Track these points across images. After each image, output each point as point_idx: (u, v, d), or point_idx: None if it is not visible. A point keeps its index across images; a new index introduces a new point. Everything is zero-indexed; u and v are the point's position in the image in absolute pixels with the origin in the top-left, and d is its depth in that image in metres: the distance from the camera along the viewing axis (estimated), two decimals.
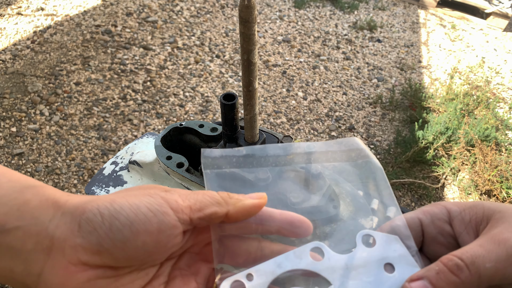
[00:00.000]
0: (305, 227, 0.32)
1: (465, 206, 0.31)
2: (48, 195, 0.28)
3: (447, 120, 2.07)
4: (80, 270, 0.27)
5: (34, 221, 0.27)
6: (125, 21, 2.75)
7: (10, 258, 0.26)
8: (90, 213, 0.27)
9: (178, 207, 0.29)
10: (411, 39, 3.03)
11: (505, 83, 2.62)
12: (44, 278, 0.27)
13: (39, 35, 2.54)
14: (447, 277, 0.26)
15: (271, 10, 3.17)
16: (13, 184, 0.28)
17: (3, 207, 0.26)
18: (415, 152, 2.02)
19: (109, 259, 0.27)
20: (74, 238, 0.27)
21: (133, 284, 0.29)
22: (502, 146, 2.03)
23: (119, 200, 0.28)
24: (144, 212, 0.28)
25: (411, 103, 2.39)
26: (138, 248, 0.28)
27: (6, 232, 0.26)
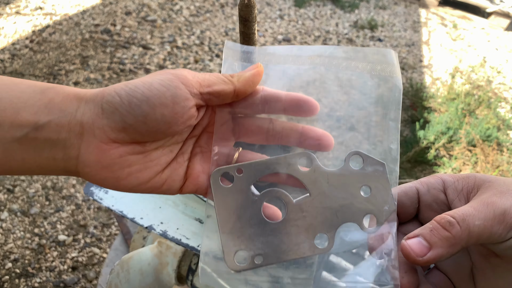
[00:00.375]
0: (311, 106, 0.35)
1: (458, 177, 0.34)
2: (68, 92, 0.31)
3: (448, 120, 2.06)
4: (112, 147, 0.31)
5: (63, 114, 0.30)
6: (124, 20, 2.74)
7: (50, 149, 0.30)
8: (109, 96, 0.31)
9: (188, 81, 0.32)
10: (412, 39, 3.01)
11: (507, 83, 2.61)
12: (82, 159, 0.31)
13: (38, 35, 2.53)
14: (440, 233, 0.29)
15: (271, 9, 3.15)
16: (33, 89, 0.30)
17: (32, 108, 0.30)
18: (416, 152, 2.01)
19: (135, 134, 0.31)
20: (100, 120, 0.30)
21: (160, 159, 0.33)
22: (504, 146, 2.02)
23: (133, 82, 0.31)
24: (157, 88, 0.31)
25: (412, 102, 2.37)
26: (158, 120, 0.31)
27: (40, 127, 0.30)
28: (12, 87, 0.30)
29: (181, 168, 0.34)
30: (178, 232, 0.58)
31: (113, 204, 0.62)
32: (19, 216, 1.59)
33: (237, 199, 0.34)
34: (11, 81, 0.31)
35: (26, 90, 0.30)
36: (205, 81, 0.33)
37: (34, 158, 0.30)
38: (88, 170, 0.31)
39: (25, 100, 0.30)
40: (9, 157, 0.30)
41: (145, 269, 0.69)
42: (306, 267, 0.56)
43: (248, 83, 0.34)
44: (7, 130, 0.29)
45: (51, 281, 1.41)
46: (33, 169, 0.31)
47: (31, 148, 0.30)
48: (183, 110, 0.31)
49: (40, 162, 0.31)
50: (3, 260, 1.45)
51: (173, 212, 0.61)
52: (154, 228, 0.59)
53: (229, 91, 0.33)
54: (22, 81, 0.31)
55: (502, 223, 0.28)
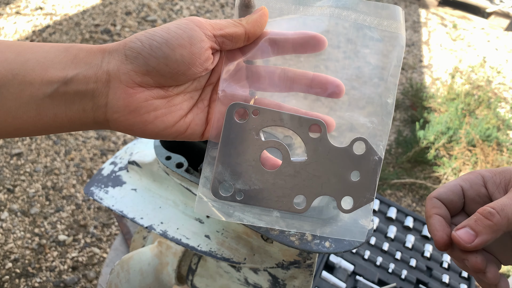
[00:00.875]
0: (319, 40, 0.37)
1: (496, 171, 0.38)
2: (91, 47, 0.33)
3: (448, 120, 2.06)
4: (138, 91, 0.33)
5: (89, 66, 0.32)
6: (124, 20, 2.74)
7: (80, 100, 0.32)
8: (131, 43, 0.33)
9: (202, 24, 0.34)
10: (412, 39, 3.01)
11: (507, 83, 2.61)
12: (111, 105, 0.33)
13: (38, 35, 2.53)
14: (483, 222, 0.34)
15: None
16: (57, 48, 0.32)
17: (58, 64, 0.31)
18: (416, 152, 2.01)
19: (158, 76, 0.33)
20: (125, 66, 0.32)
21: (183, 104, 0.35)
22: (504, 146, 2.02)
23: (152, 29, 0.34)
24: (175, 30, 0.33)
25: (412, 102, 2.37)
26: (178, 61, 0.33)
27: (69, 81, 0.31)
28: (36, 49, 0.32)
29: (202, 113, 0.37)
30: (178, 232, 0.58)
31: (113, 204, 0.62)
32: (19, 216, 1.59)
33: (244, 138, 0.35)
34: (33, 44, 0.33)
35: (50, 50, 0.32)
36: (217, 24, 0.35)
37: (65, 111, 0.32)
38: (116, 116, 0.33)
39: (51, 59, 0.32)
40: (42, 113, 0.32)
41: (145, 269, 0.69)
42: (306, 267, 0.56)
43: (257, 23, 0.35)
44: (38, 87, 0.31)
45: (51, 281, 1.41)
46: (64, 124, 0.33)
47: (62, 102, 0.32)
48: (200, 50, 0.33)
49: (71, 115, 0.33)
50: (3, 260, 1.45)
51: (173, 212, 0.61)
52: (154, 228, 0.59)
53: (240, 33, 0.35)
54: (44, 44, 0.33)
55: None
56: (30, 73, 0.31)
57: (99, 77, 0.32)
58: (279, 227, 0.37)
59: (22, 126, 0.32)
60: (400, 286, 1.25)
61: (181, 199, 0.61)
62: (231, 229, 0.58)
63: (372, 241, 1.35)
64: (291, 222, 0.37)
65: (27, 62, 0.31)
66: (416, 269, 1.30)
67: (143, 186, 0.64)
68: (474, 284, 1.29)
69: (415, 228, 1.44)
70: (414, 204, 1.85)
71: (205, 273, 0.67)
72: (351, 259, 1.26)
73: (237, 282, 0.63)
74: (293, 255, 0.54)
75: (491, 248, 0.38)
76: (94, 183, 0.65)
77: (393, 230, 1.39)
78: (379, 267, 1.28)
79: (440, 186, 0.41)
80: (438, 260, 1.33)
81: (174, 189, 0.62)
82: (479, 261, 0.35)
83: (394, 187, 1.90)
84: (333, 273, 1.23)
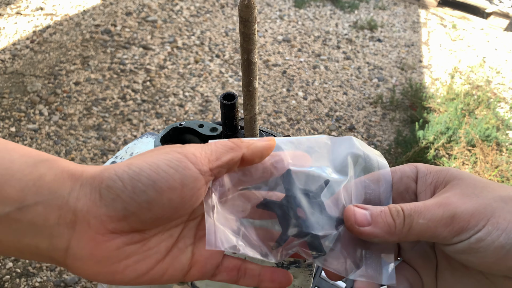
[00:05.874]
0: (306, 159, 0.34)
1: (432, 169, 0.33)
2: (62, 168, 0.27)
3: (447, 120, 2.07)
4: (109, 239, 0.27)
5: (53, 196, 0.26)
6: (125, 20, 2.74)
7: (34, 235, 0.26)
8: (109, 180, 0.27)
9: (197, 160, 0.29)
10: (411, 39, 3.02)
11: (506, 83, 2.62)
12: (72, 252, 0.26)
13: (39, 35, 2.54)
14: (386, 217, 0.29)
15: (271, 10, 3.16)
16: (25, 159, 0.26)
17: (18, 182, 0.25)
18: (416, 152, 2.01)
19: (136, 222, 0.27)
20: (98, 208, 0.26)
21: (160, 246, 0.29)
22: (503, 146, 2.02)
23: (137, 162, 0.28)
24: (165, 170, 0.27)
25: (411, 103, 2.38)
26: (165, 206, 0.27)
27: (25, 208, 0.25)
28: (3, 154, 0.26)
29: (183, 255, 0.31)
30: None
31: None
32: None
33: None
34: (3, 146, 0.27)
35: (16, 160, 0.26)
36: (213, 154, 0.30)
37: (13, 242, 0.26)
38: (79, 264, 0.27)
39: (13, 173, 0.25)
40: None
41: None
42: (306, 266, 0.56)
43: (258, 153, 0.31)
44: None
45: (52, 280, 1.42)
46: (11, 252, 0.26)
47: (11, 230, 0.25)
48: (192, 192, 0.28)
49: (20, 247, 0.26)
50: (4, 260, 1.46)
51: None
52: None
53: (237, 159, 0.31)
54: (15, 147, 0.27)
55: (448, 226, 0.27)
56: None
57: (63, 215, 0.26)
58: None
59: None
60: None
61: None
62: None
63: None
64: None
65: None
66: None
67: None
68: None
69: None
70: None
71: None
72: None
73: None
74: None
75: (413, 261, 0.34)
76: None
77: None
78: None
79: None
80: None
81: None
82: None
83: None
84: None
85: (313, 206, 0.32)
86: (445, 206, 0.28)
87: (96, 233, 0.26)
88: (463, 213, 0.28)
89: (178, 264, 0.30)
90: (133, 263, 0.28)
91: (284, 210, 0.31)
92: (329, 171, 0.34)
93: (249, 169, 0.33)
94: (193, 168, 0.28)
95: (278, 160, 0.33)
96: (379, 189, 0.34)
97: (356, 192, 0.34)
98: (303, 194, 0.32)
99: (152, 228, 0.29)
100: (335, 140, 0.35)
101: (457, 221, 0.27)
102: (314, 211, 0.32)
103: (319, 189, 0.33)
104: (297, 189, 0.32)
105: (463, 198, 0.28)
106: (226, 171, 0.31)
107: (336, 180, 0.34)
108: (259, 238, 0.32)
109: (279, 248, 0.32)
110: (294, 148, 0.34)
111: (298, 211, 0.32)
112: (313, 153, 0.34)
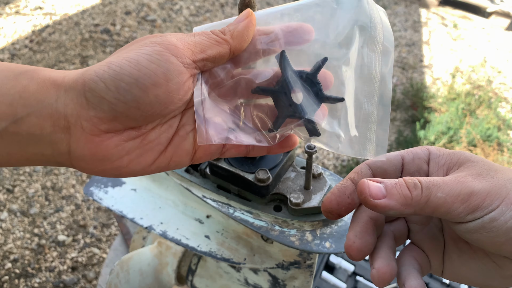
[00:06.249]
0: (307, 29, 0.31)
1: (445, 152, 0.33)
2: (43, 77, 0.27)
3: (448, 120, 2.06)
4: (105, 138, 0.28)
5: (41, 105, 0.26)
6: (124, 20, 2.73)
7: (36, 144, 0.27)
8: (91, 82, 0.26)
9: (179, 51, 0.28)
10: (412, 38, 3.01)
11: (507, 83, 2.61)
12: (75, 154, 0.28)
13: (38, 34, 2.53)
14: (401, 189, 0.28)
15: None
16: (6, 74, 0.27)
17: (5, 97, 0.26)
18: None
19: (128, 121, 0.28)
20: (86, 111, 0.27)
21: (160, 138, 0.30)
22: (504, 146, 2.02)
23: (116, 60, 0.27)
24: (146, 65, 0.27)
25: (412, 102, 2.37)
26: (152, 102, 0.27)
27: (20, 121, 0.26)
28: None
29: (186, 141, 0.31)
30: (178, 232, 0.58)
31: (112, 204, 0.61)
32: (18, 216, 1.59)
33: None
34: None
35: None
36: (197, 46, 0.29)
37: (20, 152, 0.27)
38: (83, 164, 0.28)
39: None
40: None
41: (145, 270, 0.69)
42: (306, 267, 0.56)
43: (243, 37, 0.30)
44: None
45: (51, 281, 1.41)
46: (22, 162, 0.28)
47: (14, 143, 0.27)
48: (178, 86, 0.28)
49: (28, 156, 0.28)
50: (3, 260, 1.45)
51: (173, 212, 0.60)
52: (154, 228, 0.58)
53: (224, 53, 0.30)
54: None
55: (465, 203, 0.27)
56: None
57: (56, 122, 0.27)
58: None
59: None
60: None
61: (181, 199, 0.61)
62: (231, 229, 0.58)
63: None
64: None
65: None
66: None
67: (143, 186, 0.63)
68: None
69: None
70: None
71: (205, 274, 0.67)
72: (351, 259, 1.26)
73: (237, 282, 0.63)
74: (293, 256, 0.54)
75: (421, 243, 0.34)
76: (94, 183, 0.65)
77: None
78: None
79: None
80: None
81: (174, 189, 0.61)
82: (358, 246, 0.30)
83: None
84: (333, 274, 1.23)
85: (308, 88, 0.31)
86: (463, 183, 0.28)
87: (91, 134, 0.27)
88: (480, 191, 0.27)
89: (181, 151, 0.31)
90: (136, 157, 0.29)
91: (278, 96, 0.31)
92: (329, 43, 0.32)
93: (240, 56, 0.31)
94: (176, 61, 0.28)
95: (273, 39, 0.31)
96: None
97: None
98: (298, 76, 0.31)
99: (147, 124, 0.29)
100: (341, 1, 0.32)
101: (473, 198, 0.27)
102: (310, 94, 0.31)
103: (315, 69, 0.31)
104: (292, 71, 0.31)
105: (479, 178, 0.28)
106: (213, 65, 0.30)
107: (335, 57, 0.32)
108: (253, 125, 0.32)
109: (275, 132, 0.32)
110: (289, 20, 0.32)
111: (293, 96, 0.31)
112: (314, 21, 0.32)
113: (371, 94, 0.33)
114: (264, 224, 0.47)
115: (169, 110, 0.29)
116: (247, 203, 0.50)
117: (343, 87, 0.32)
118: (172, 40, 0.28)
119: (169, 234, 0.58)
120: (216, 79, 0.31)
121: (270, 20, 0.32)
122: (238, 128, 0.32)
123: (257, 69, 0.32)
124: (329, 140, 0.32)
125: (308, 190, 0.48)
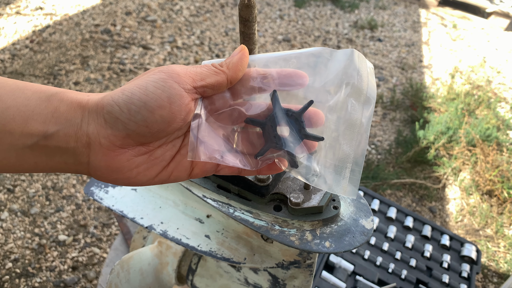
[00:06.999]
0: (301, 76, 0.36)
1: None
2: (71, 99, 0.33)
3: (448, 120, 2.06)
4: (119, 153, 0.33)
5: (69, 123, 0.32)
6: (124, 20, 2.74)
7: (61, 155, 0.33)
8: (108, 106, 0.32)
9: (180, 79, 0.33)
10: (412, 39, 3.01)
11: (507, 83, 2.61)
12: (93, 165, 0.33)
13: (38, 35, 2.53)
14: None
15: (271, 9, 3.16)
16: (39, 95, 0.32)
17: (39, 116, 0.31)
18: (416, 152, 2.01)
19: (138, 137, 0.33)
20: (105, 130, 0.32)
21: (165, 155, 0.35)
22: (503, 146, 2.02)
23: (128, 87, 0.33)
24: (153, 91, 0.32)
25: (412, 102, 2.38)
26: (158, 122, 0.33)
27: (49, 136, 0.31)
28: (18, 94, 0.31)
29: (185, 160, 0.36)
30: (178, 232, 0.58)
31: (113, 204, 0.62)
32: (19, 216, 1.59)
33: None
34: (15, 86, 0.32)
35: (31, 97, 0.32)
36: (197, 75, 0.34)
37: (46, 162, 0.33)
38: (99, 173, 0.34)
39: (32, 108, 0.31)
40: (22, 161, 0.32)
41: (145, 269, 0.69)
42: (306, 267, 0.56)
43: (238, 68, 0.35)
44: (18, 138, 0.31)
45: (51, 281, 1.41)
46: (46, 170, 0.34)
47: (43, 154, 0.32)
48: (179, 107, 0.33)
49: (52, 165, 0.33)
50: (4, 260, 1.45)
51: (173, 212, 0.61)
52: (154, 228, 0.59)
53: (222, 82, 0.35)
54: (26, 85, 0.32)
55: None
56: (10, 123, 0.30)
57: (79, 138, 0.32)
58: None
59: (3, 169, 0.32)
60: (400, 286, 1.25)
61: (181, 199, 0.61)
62: (231, 229, 0.58)
63: (372, 241, 1.35)
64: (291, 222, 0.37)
65: (7, 110, 0.30)
66: (416, 269, 1.30)
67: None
68: (474, 284, 1.29)
69: (415, 228, 1.44)
70: (414, 204, 1.85)
71: (205, 273, 0.67)
72: (351, 259, 1.26)
73: (237, 282, 0.63)
74: (293, 255, 0.54)
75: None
76: (94, 183, 0.65)
77: (393, 230, 1.39)
78: (379, 267, 1.28)
79: None
80: (438, 260, 1.33)
81: (174, 189, 0.62)
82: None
83: (394, 187, 1.90)
84: (333, 273, 1.23)
85: (293, 125, 0.36)
86: None
87: (108, 149, 0.33)
88: None
89: (181, 167, 0.37)
90: (143, 170, 0.35)
91: (265, 128, 0.36)
92: (319, 89, 0.36)
93: (239, 90, 0.36)
94: (178, 87, 0.33)
95: (268, 79, 0.36)
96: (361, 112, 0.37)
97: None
98: (284, 114, 0.36)
99: (154, 141, 0.34)
100: (335, 54, 0.37)
101: None
102: (293, 130, 0.36)
103: (301, 109, 0.36)
104: (280, 109, 0.36)
105: None
106: (213, 92, 0.35)
107: (322, 100, 0.36)
108: (242, 150, 0.37)
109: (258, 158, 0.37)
110: (285, 64, 0.37)
111: (278, 130, 0.36)
112: (307, 68, 0.36)
113: (350, 137, 0.37)
114: (264, 224, 0.48)
115: (173, 128, 0.34)
116: (247, 202, 0.50)
117: (325, 128, 0.37)
118: (176, 69, 0.34)
119: (169, 234, 0.58)
120: (215, 105, 0.36)
121: (269, 63, 0.37)
122: (227, 150, 0.37)
123: (252, 102, 0.37)
124: (306, 172, 0.36)
125: (308, 190, 0.49)
